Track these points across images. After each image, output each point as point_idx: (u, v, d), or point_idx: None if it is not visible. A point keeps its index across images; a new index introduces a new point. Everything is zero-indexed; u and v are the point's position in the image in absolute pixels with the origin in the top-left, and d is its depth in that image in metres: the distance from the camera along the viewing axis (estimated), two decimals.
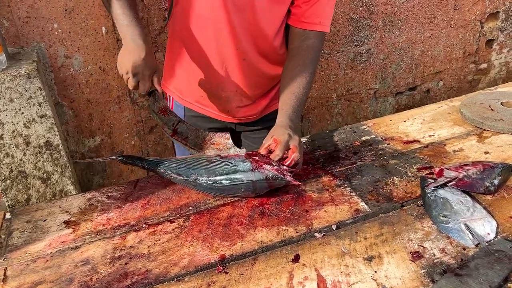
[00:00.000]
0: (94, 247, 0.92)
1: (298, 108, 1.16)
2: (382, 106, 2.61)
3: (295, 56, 1.22)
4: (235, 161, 1.01)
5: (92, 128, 1.97)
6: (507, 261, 0.78)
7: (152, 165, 1.10)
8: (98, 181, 2.08)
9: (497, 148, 1.14)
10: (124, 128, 2.04)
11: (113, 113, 1.99)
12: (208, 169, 1.03)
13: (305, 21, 1.21)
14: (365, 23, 2.31)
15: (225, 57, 1.22)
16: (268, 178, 0.98)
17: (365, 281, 0.79)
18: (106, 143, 2.02)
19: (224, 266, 0.84)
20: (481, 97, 1.36)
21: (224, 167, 1.01)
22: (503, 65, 2.83)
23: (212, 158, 1.05)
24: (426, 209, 0.95)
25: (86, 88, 1.88)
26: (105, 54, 1.86)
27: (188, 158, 1.08)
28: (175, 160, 1.09)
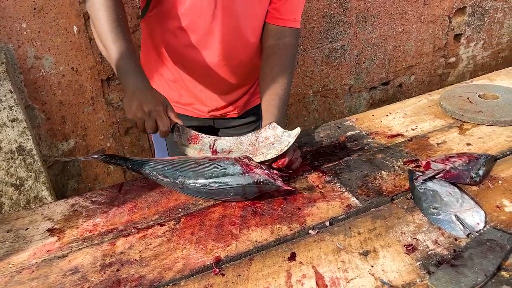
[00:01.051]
0: (82, 254, 0.88)
1: (283, 109, 1.15)
2: (357, 102, 2.65)
3: (272, 55, 1.21)
4: (224, 164, 0.99)
5: (66, 131, 1.91)
6: (499, 249, 0.80)
7: (137, 166, 1.07)
8: (73, 186, 2.02)
9: (478, 139, 1.17)
10: (99, 130, 1.98)
11: (87, 115, 1.93)
12: (196, 171, 1.00)
13: (280, 18, 1.21)
14: (339, 19, 2.33)
15: (205, 59, 1.20)
16: (258, 183, 0.96)
17: (363, 276, 0.79)
18: (80, 146, 1.96)
19: (220, 268, 0.83)
20: (459, 90, 1.39)
21: (213, 170, 0.99)
22: (470, 58, 2.92)
23: (200, 160, 1.02)
24: (416, 202, 0.96)
25: (58, 89, 1.82)
26: (77, 54, 1.80)
27: (175, 160, 1.05)
28: (161, 161, 1.06)
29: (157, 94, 1.04)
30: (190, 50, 1.19)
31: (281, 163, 1.04)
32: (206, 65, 1.21)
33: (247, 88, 1.35)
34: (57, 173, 1.96)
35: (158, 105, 1.02)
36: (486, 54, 2.97)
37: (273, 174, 0.99)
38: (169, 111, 1.04)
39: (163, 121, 1.01)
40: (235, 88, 1.31)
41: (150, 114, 1.01)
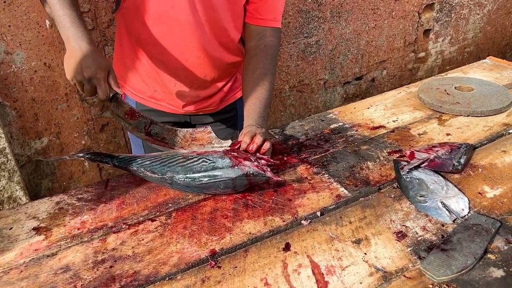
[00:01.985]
0: (72, 252, 0.86)
1: (264, 113, 1.16)
2: (331, 96, 2.69)
3: (254, 57, 1.21)
4: (213, 158, 0.99)
5: (39, 129, 1.84)
6: (485, 233, 0.84)
7: (124, 163, 1.05)
8: (47, 185, 1.96)
9: (457, 129, 1.21)
10: (73, 127, 1.93)
11: (60, 112, 1.87)
12: (185, 166, 0.99)
13: (261, 18, 1.21)
14: (314, 14, 2.35)
15: (182, 53, 1.19)
16: (248, 175, 0.97)
17: (357, 264, 0.81)
18: (54, 144, 1.90)
19: (216, 261, 0.83)
20: (436, 83, 1.44)
21: (202, 164, 0.98)
22: (439, 53, 3.01)
23: (188, 155, 1.01)
24: (403, 191, 0.99)
25: (30, 86, 1.76)
26: (50, 49, 1.75)
27: (163, 155, 1.04)
28: (148, 157, 1.04)
29: (99, 58, 1.00)
30: (165, 42, 1.16)
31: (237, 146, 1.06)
32: (183, 58, 1.19)
33: (224, 83, 1.34)
34: (30, 172, 1.90)
35: (99, 72, 0.99)
36: (453, 49, 3.08)
37: (263, 165, 1.00)
38: (111, 78, 1.02)
39: (102, 89, 1.00)
40: (211, 83, 1.30)
41: (90, 80, 0.99)
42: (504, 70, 1.56)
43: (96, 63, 0.98)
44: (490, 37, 3.23)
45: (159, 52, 1.20)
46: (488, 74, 1.53)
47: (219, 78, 1.30)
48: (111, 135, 2.06)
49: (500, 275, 0.76)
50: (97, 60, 0.99)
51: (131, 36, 1.22)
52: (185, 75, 1.24)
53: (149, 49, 1.21)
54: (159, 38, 1.16)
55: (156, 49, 1.19)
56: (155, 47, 1.19)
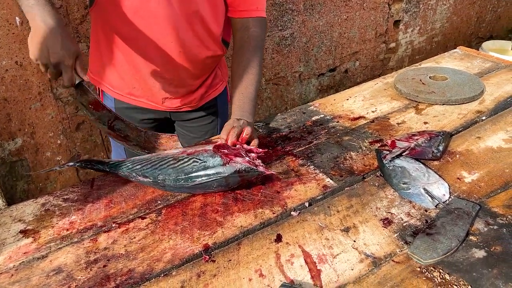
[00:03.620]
0: (63, 253, 0.85)
1: (248, 106, 1.16)
2: (306, 88, 2.72)
3: (239, 49, 1.22)
4: (203, 157, 0.99)
5: (12, 130, 1.79)
6: (466, 216, 0.88)
7: (115, 168, 1.04)
8: (22, 187, 1.91)
9: (433, 118, 1.25)
10: (48, 127, 1.89)
11: (34, 112, 1.83)
12: (176, 168, 0.99)
13: (243, 10, 1.22)
14: (287, 7, 2.37)
15: (160, 49, 1.18)
16: (240, 171, 0.97)
17: (347, 251, 0.83)
18: (29, 144, 1.86)
19: (210, 255, 0.84)
20: (411, 73, 1.48)
21: (193, 165, 0.98)
22: (409, 43, 3.09)
23: (178, 156, 1.01)
24: (386, 179, 1.02)
25: (1, 85, 1.70)
26: (21, 47, 1.70)
27: (153, 158, 1.03)
28: (139, 160, 1.03)
29: (68, 43, 0.95)
30: (142, 38, 1.15)
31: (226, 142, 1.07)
32: (161, 53, 1.18)
33: (204, 79, 1.34)
34: (4, 174, 1.85)
35: (67, 58, 0.95)
36: (422, 39, 3.16)
37: (253, 159, 1.01)
38: (77, 64, 0.99)
39: (68, 76, 0.97)
40: (191, 79, 1.29)
41: (57, 65, 0.95)
42: (474, 59, 1.62)
43: (65, 48, 0.94)
44: (456, 26, 3.33)
45: (136, 48, 1.19)
46: (459, 64, 1.59)
47: (199, 74, 1.30)
48: (87, 133, 2.02)
49: (482, 255, 0.81)
50: (66, 45, 0.94)
51: (107, 32, 1.20)
52: (164, 71, 1.23)
53: (126, 45, 1.19)
54: (136, 33, 1.15)
55: (133, 45, 1.18)
56: (132, 42, 1.17)
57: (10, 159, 1.84)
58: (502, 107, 1.28)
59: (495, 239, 0.84)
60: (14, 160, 1.85)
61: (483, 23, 3.51)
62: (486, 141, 1.14)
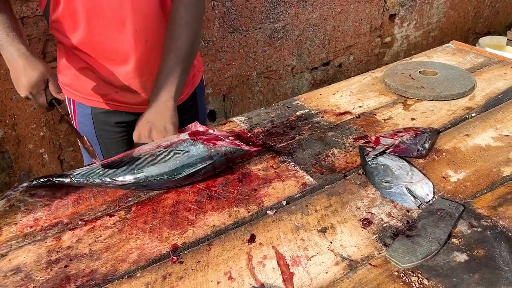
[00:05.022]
0: (24, 252, 0.81)
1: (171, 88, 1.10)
2: (299, 82, 2.67)
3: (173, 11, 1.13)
4: (184, 147, 0.94)
5: None
6: (449, 218, 0.84)
7: (83, 178, 0.94)
8: (4, 179, 1.87)
9: (421, 114, 1.21)
10: (30, 118, 1.84)
11: (15, 102, 1.78)
12: (157, 163, 0.93)
13: None
14: None
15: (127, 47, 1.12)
16: (226, 154, 0.95)
17: (323, 253, 0.79)
18: (10, 136, 1.81)
19: (178, 256, 0.79)
20: (401, 68, 1.44)
21: (175, 157, 0.93)
22: (404, 38, 3.04)
23: (155, 151, 0.95)
24: (368, 177, 0.98)
25: None
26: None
27: (125, 159, 0.96)
28: (109, 164, 0.95)
29: (32, 72, 1.02)
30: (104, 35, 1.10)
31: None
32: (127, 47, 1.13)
33: None
34: None
35: (32, 87, 1.04)
36: (418, 33, 3.11)
37: (235, 140, 1.00)
38: (50, 84, 1.05)
39: (39, 102, 1.07)
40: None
41: (33, 96, 1.05)
42: (466, 54, 1.57)
43: (31, 77, 1.02)
44: (453, 21, 3.28)
45: (103, 54, 1.14)
46: (451, 58, 1.54)
47: None
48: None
49: (464, 259, 0.77)
50: (29, 73, 1.02)
51: (73, 45, 1.14)
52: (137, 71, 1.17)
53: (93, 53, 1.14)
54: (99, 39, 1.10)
55: (100, 51, 1.13)
56: (98, 49, 1.13)
57: None
58: (493, 103, 1.24)
59: (478, 242, 0.80)
60: None
61: (481, 18, 3.45)
62: (475, 138, 1.10)
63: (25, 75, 1.02)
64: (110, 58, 1.15)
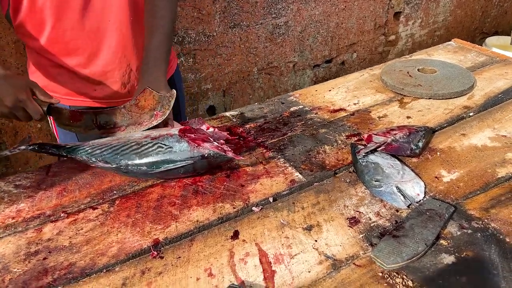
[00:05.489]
0: (4, 243, 0.80)
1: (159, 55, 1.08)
2: (301, 79, 2.64)
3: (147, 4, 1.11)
4: (169, 142, 0.93)
5: None
6: (438, 219, 0.81)
7: (72, 152, 0.97)
8: (1, 170, 1.87)
9: (417, 112, 1.18)
10: None
11: None
12: (140, 153, 0.92)
13: None
14: None
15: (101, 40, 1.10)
16: (208, 157, 0.92)
17: (307, 251, 0.77)
18: (7, 127, 1.81)
19: (159, 251, 0.78)
20: (399, 65, 1.41)
21: (157, 150, 0.92)
22: (409, 36, 3.00)
23: (142, 141, 0.95)
24: (359, 175, 0.96)
25: None
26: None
27: (113, 142, 0.96)
28: (98, 145, 0.96)
29: (13, 80, 0.93)
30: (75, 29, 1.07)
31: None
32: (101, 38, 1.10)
33: None
34: None
35: (19, 93, 0.92)
36: (423, 32, 3.06)
37: (223, 145, 0.96)
38: (37, 93, 0.95)
39: (31, 108, 0.94)
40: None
41: (16, 106, 0.92)
42: (468, 53, 1.54)
43: (13, 86, 0.91)
44: (460, 20, 3.23)
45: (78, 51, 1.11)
46: (452, 57, 1.51)
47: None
48: None
49: (451, 261, 0.74)
50: (12, 83, 0.92)
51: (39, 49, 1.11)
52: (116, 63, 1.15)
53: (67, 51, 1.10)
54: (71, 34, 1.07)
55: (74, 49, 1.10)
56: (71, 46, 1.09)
57: None
58: (492, 103, 1.21)
59: (468, 244, 0.78)
60: None
61: (488, 17, 3.40)
62: (471, 138, 1.07)
63: (8, 84, 0.92)
64: (84, 55, 1.11)
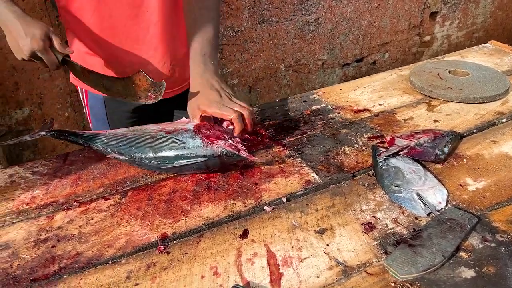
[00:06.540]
0: (16, 229, 0.80)
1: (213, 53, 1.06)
2: (329, 78, 2.59)
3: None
4: (183, 138, 0.92)
5: (19, 98, 1.79)
6: (459, 229, 0.77)
7: (89, 141, 0.98)
8: (28, 156, 1.91)
9: (446, 116, 1.13)
10: (56, 98, 1.87)
11: (43, 82, 1.81)
12: (154, 147, 0.92)
13: None
14: None
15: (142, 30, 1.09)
16: (221, 155, 0.90)
17: (317, 255, 0.74)
18: (36, 115, 1.85)
19: (166, 246, 0.77)
20: (430, 66, 1.35)
21: (171, 145, 0.91)
22: (445, 38, 2.89)
23: (156, 134, 0.94)
24: (378, 179, 0.92)
25: (10, 53, 1.68)
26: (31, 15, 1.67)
27: (129, 134, 0.96)
28: (114, 135, 0.97)
29: (31, 28, 0.92)
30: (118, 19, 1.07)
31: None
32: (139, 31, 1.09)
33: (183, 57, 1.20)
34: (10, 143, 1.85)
35: (38, 42, 0.91)
36: (460, 34, 2.95)
37: (237, 144, 0.93)
38: (54, 42, 0.94)
39: (47, 59, 0.94)
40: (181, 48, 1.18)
41: (34, 55, 0.92)
42: (505, 56, 1.46)
43: (30, 34, 0.91)
44: (501, 22, 3.09)
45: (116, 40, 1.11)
46: (487, 59, 1.44)
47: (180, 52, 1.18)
48: None
49: (471, 275, 0.70)
50: (30, 30, 0.91)
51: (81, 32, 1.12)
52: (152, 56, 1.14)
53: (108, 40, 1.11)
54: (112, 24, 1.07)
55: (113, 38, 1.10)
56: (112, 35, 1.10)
57: (17, 128, 1.84)
58: None
59: (490, 258, 0.73)
60: (21, 129, 1.85)
61: None
62: (502, 146, 1.01)
63: (26, 33, 0.92)
64: (125, 44, 1.12)
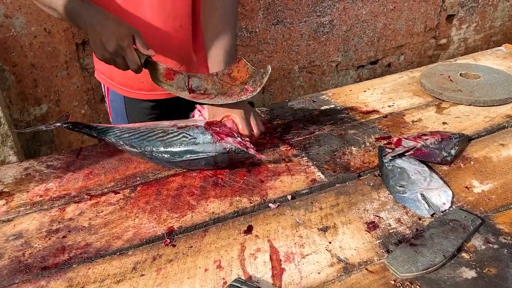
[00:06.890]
0: (29, 219, 0.84)
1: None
2: (343, 80, 2.59)
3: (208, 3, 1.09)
4: (194, 133, 0.94)
5: (38, 95, 1.84)
6: (462, 230, 0.77)
7: (102, 134, 1.01)
8: (45, 152, 1.96)
9: (455, 118, 1.13)
10: (73, 96, 1.92)
11: (60, 80, 1.86)
12: (165, 141, 0.95)
13: None
14: None
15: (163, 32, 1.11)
16: (230, 152, 0.92)
17: (319, 252, 0.76)
18: (53, 111, 1.90)
19: (172, 239, 0.79)
20: (441, 68, 1.35)
21: (182, 140, 0.94)
22: (462, 41, 2.86)
23: (168, 129, 0.97)
24: (383, 179, 0.92)
25: (29, 51, 1.74)
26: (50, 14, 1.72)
27: (141, 128, 0.99)
28: (127, 129, 1.00)
29: (117, 26, 0.92)
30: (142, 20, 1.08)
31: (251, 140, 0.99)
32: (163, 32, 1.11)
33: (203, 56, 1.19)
34: (28, 138, 1.90)
35: (122, 40, 0.91)
36: (478, 37, 2.91)
37: (246, 142, 0.95)
38: (138, 42, 0.93)
39: (130, 57, 0.93)
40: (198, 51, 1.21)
41: (117, 52, 0.92)
42: None
43: (115, 32, 0.91)
44: None
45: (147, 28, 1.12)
46: (501, 62, 1.43)
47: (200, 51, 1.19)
48: None
49: (471, 276, 0.70)
50: (115, 29, 0.92)
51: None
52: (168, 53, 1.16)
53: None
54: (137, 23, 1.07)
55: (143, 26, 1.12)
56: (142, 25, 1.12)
57: (35, 124, 1.89)
58: None
59: (492, 259, 0.73)
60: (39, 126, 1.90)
61: None
62: (510, 149, 1.01)
63: (113, 30, 0.91)
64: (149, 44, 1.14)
